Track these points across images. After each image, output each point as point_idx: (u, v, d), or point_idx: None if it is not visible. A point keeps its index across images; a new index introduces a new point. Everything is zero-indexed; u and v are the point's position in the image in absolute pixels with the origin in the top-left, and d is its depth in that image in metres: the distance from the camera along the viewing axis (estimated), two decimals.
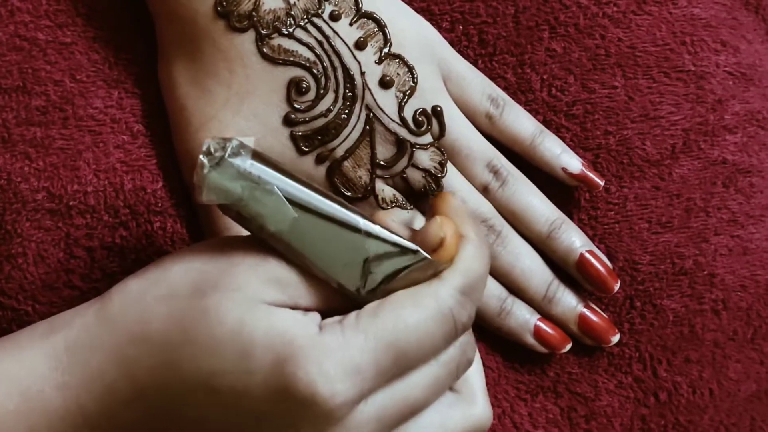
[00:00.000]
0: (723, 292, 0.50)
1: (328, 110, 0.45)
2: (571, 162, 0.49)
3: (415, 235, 0.41)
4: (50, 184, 0.47)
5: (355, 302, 0.40)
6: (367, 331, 0.38)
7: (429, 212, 0.44)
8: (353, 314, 0.39)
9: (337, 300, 0.40)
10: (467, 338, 0.42)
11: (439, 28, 0.50)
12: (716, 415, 0.50)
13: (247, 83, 0.45)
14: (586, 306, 0.49)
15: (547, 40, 0.50)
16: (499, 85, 0.50)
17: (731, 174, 0.50)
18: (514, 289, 0.49)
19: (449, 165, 0.48)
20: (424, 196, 0.47)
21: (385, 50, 0.46)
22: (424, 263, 0.40)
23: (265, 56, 0.44)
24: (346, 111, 0.45)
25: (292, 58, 0.45)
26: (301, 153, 0.45)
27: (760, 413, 0.50)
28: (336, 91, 0.45)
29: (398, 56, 0.46)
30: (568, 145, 0.50)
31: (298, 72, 0.45)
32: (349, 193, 0.46)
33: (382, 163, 0.46)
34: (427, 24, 0.48)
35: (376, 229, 0.40)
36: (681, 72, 0.50)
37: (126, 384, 0.39)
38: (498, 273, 0.49)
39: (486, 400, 0.43)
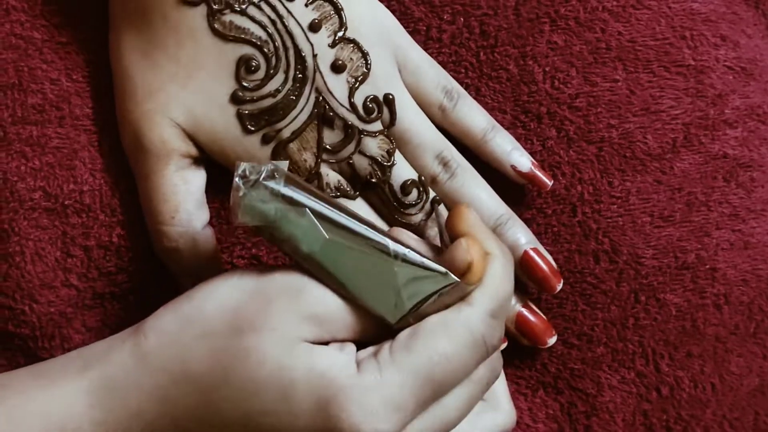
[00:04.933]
0: (725, 287, 0.50)
1: (277, 90, 0.45)
2: (521, 160, 0.48)
3: (442, 257, 0.41)
4: (46, 183, 0.46)
5: (386, 327, 0.40)
6: (404, 368, 0.38)
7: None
8: (386, 348, 0.39)
9: (371, 329, 0.40)
10: (495, 353, 0.42)
11: (441, 20, 0.49)
12: (719, 410, 0.50)
13: (195, 58, 0.44)
14: (525, 305, 0.49)
15: (548, 32, 0.50)
16: (501, 77, 0.49)
17: (732, 168, 0.50)
18: None
19: (399, 155, 0.47)
20: (371, 185, 0.47)
21: (340, 34, 0.45)
22: (453, 286, 0.40)
23: (215, 32, 0.44)
24: (296, 93, 0.45)
25: (243, 36, 0.44)
26: (247, 132, 0.45)
27: (764, 408, 0.51)
28: (286, 72, 0.44)
29: (353, 41, 0.45)
30: (572, 138, 0.49)
31: (248, 50, 0.44)
32: None
33: (328, 147, 0.46)
34: (386, 10, 0.47)
35: (406, 252, 0.40)
36: (681, 66, 0.50)
37: (167, 423, 0.39)
38: None
39: (510, 403, 0.45)
